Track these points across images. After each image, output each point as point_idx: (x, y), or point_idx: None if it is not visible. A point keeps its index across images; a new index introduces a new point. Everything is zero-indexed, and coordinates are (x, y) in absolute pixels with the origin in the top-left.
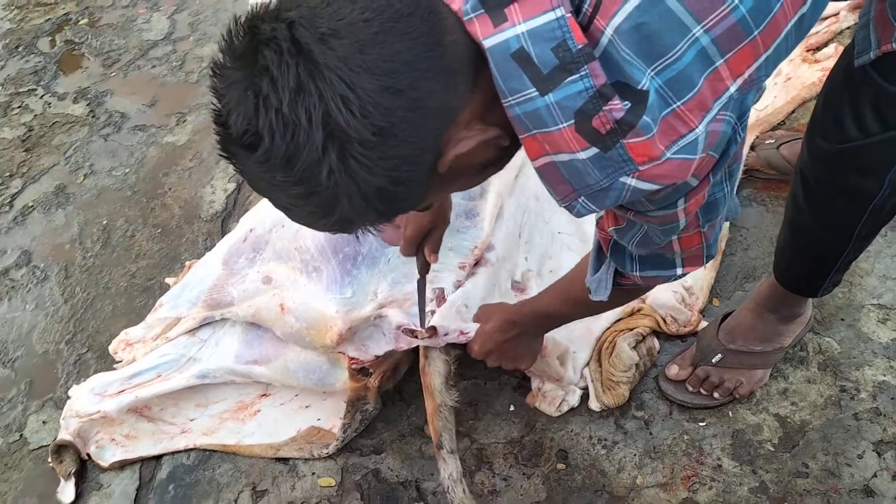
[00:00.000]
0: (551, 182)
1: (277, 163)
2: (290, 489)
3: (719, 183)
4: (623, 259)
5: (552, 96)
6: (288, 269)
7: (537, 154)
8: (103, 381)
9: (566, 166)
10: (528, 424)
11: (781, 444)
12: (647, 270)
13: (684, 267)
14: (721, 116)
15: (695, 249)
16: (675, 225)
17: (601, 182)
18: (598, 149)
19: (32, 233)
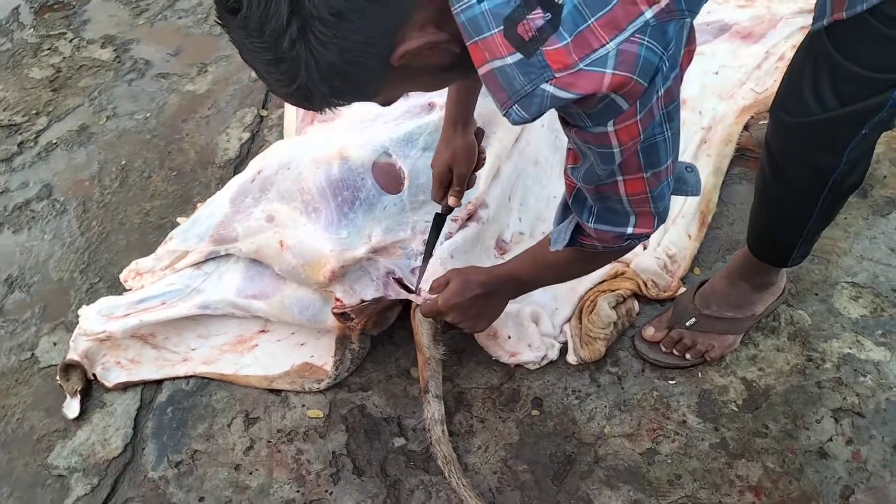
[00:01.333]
0: (493, 90)
1: (253, 28)
2: (281, 418)
3: (659, 124)
4: (582, 209)
5: (486, 4)
6: (290, 209)
7: (480, 62)
8: (111, 303)
9: (500, 72)
10: (507, 373)
11: (745, 405)
12: (601, 224)
13: (636, 226)
14: (636, 39)
15: (640, 200)
16: (610, 151)
17: (526, 87)
18: (521, 55)
19: (54, 168)
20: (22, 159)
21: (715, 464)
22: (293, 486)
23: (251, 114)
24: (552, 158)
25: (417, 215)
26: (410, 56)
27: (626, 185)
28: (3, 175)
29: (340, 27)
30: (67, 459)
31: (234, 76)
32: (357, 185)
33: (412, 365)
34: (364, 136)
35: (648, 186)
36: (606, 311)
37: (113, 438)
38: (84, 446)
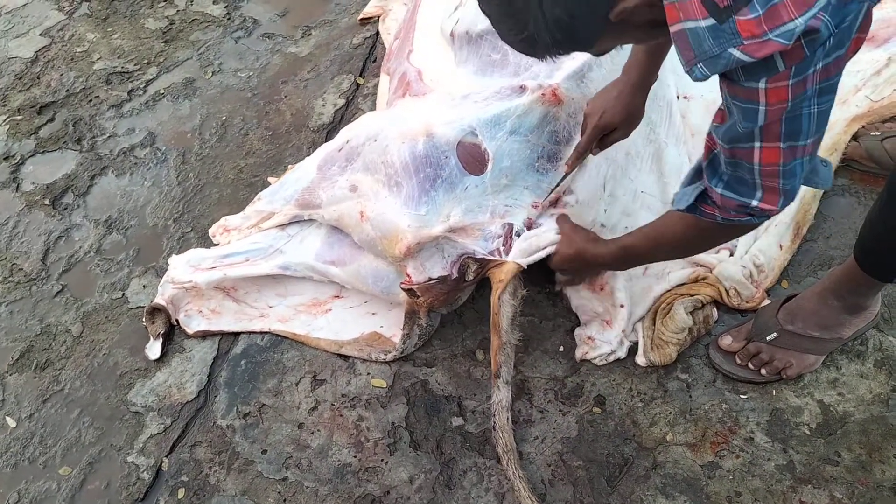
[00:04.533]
0: (681, 47)
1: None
2: (346, 383)
3: (809, 97)
4: (714, 173)
5: None
6: (373, 180)
7: (674, 20)
8: (199, 255)
9: (692, 33)
10: (573, 367)
11: (819, 429)
12: (728, 191)
13: (762, 200)
14: (820, 16)
15: (771, 172)
16: (755, 108)
17: (714, 50)
18: (714, 20)
19: (160, 118)
20: (130, 106)
21: (779, 486)
22: (351, 450)
23: (348, 80)
24: (644, 151)
25: (498, 199)
26: (628, 13)
27: (761, 152)
28: (112, 120)
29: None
30: (145, 398)
31: (336, 41)
32: (440, 162)
33: (478, 346)
34: (452, 113)
35: (783, 158)
36: (682, 316)
37: (188, 383)
38: (161, 387)
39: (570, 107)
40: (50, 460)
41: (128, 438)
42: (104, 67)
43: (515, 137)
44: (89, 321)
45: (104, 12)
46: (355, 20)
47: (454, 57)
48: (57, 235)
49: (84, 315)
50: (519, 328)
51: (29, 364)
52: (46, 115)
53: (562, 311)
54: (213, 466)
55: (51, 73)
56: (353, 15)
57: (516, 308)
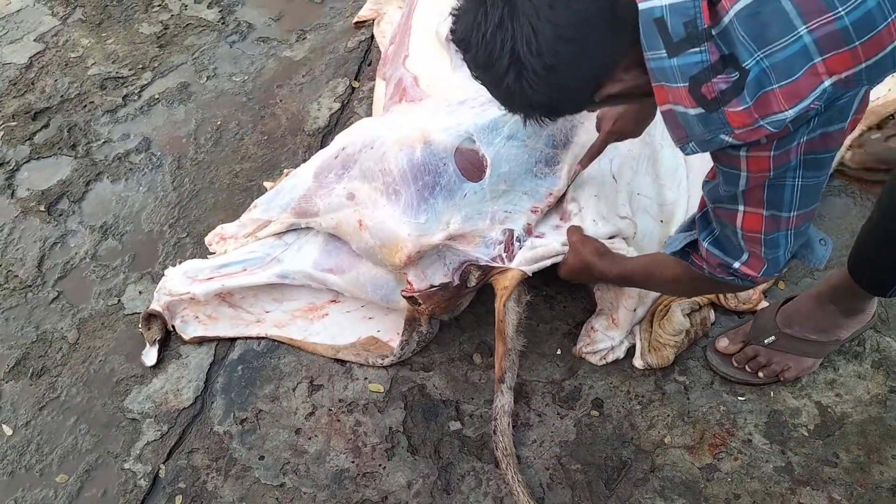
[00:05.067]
0: (671, 125)
1: (479, 65)
2: (343, 388)
3: (793, 168)
4: (705, 227)
5: (676, 61)
6: (371, 188)
7: (663, 101)
8: (196, 266)
9: (682, 116)
10: (570, 370)
11: (817, 431)
12: (715, 248)
13: (745, 263)
14: (814, 105)
15: (753, 238)
16: (736, 174)
17: (705, 135)
18: (703, 110)
19: (154, 123)
20: (125, 111)
21: (777, 488)
22: (349, 456)
23: (343, 84)
24: (639, 154)
25: (497, 205)
26: (612, 96)
27: (744, 216)
28: (107, 125)
29: (551, 77)
30: (142, 405)
31: (331, 45)
32: (439, 170)
33: (475, 350)
34: (449, 120)
35: (764, 226)
36: (679, 318)
37: (185, 389)
38: (158, 394)
39: None
40: (46, 468)
41: (124, 445)
42: (99, 73)
43: (513, 142)
44: (85, 328)
45: (98, 17)
46: (350, 24)
47: (450, 61)
48: (52, 242)
49: (80, 322)
50: (523, 334)
51: (25, 371)
52: (41, 121)
53: (559, 314)
54: (211, 473)
55: (45, 79)
56: (347, 18)
57: (521, 314)
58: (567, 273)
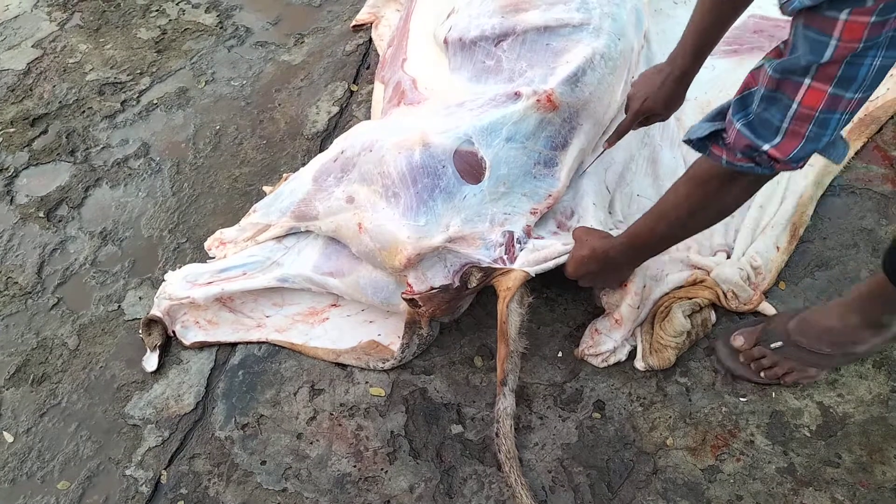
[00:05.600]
0: None
1: None
2: (344, 392)
3: (878, 46)
4: (741, 108)
5: None
6: (370, 191)
7: None
8: (196, 270)
9: None
10: (571, 372)
11: (819, 431)
12: (748, 128)
13: (775, 146)
14: None
15: (806, 115)
16: (826, 42)
17: None
18: None
19: (153, 128)
20: (124, 117)
21: (780, 489)
22: (350, 460)
23: (342, 88)
24: (638, 154)
25: (497, 207)
26: None
27: (807, 91)
28: (106, 131)
29: None
30: (143, 410)
31: (329, 49)
32: (438, 172)
33: (476, 353)
34: (447, 122)
35: (823, 104)
36: (680, 319)
37: (186, 395)
38: (159, 399)
39: (566, 112)
40: (48, 475)
41: (126, 451)
42: (97, 78)
43: (512, 144)
44: (85, 334)
45: (96, 23)
46: (348, 27)
47: (448, 64)
48: (52, 248)
49: (80, 328)
50: (525, 336)
51: (25, 378)
52: (39, 128)
53: (560, 317)
54: (212, 478)
55: (43, 85)
56: (345, 22)
57: (524, 316)
58: (575, 266)
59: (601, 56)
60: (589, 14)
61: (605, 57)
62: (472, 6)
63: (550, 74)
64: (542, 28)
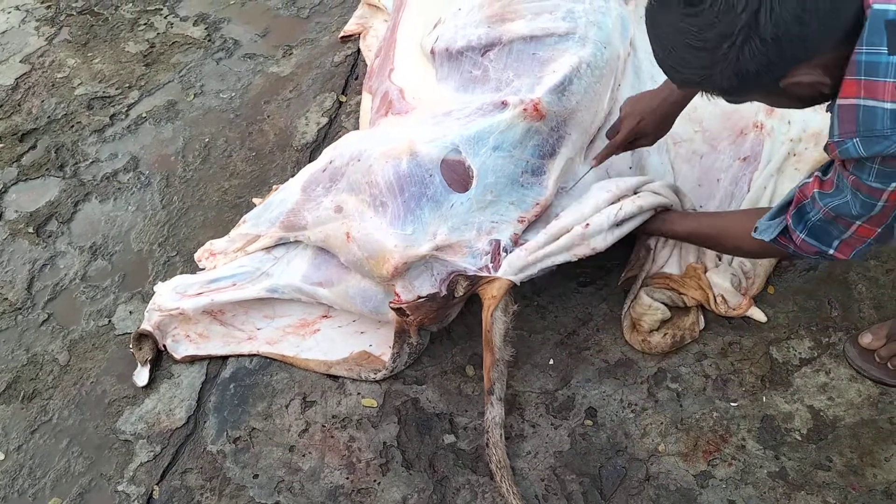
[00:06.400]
0: (843, 119)
1: (700, 19)
2: (336, 404)
3: None
4: (800, 220)
5: (895, 58)
6: (358, 201)
7: (850, 94)
8: (185, 281)
9: (866, 111)
10: (563, 379)
11: (810, 435)
12: (811, 238)
13: (837, 250)
14: None
15: (860, 241)
16: (873, 203)
17: (885, 131)
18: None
19: (142, 141)
20: (113, 131)
21: (772, 493)
22: (343, 472)
23: (330, 99)
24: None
25: (484, 215)
26: (794, 86)
27: (859, 228)
28: (95, 145)
29: (770, 49)
30: (134, 425)
31: (318, 60)
32: (425, 181)
33: (468, 362)
34: (435, 131)
35: (874, 234)
36: (645, 299)
37: (177, 409)
38: (150, 414)
39: (553, 120)
40: (40, 492)
41: (118, 467)
42: (85, 93)
43: (499, 153)
44: (76, 349)
45: (84, 37)
46: (336, 38)
47: (435, 74)
48: (42, 263)
49: (71, 343)
50: (511, 344)
51: (16, 395)
52: (28, 143)
53: (551, 324)
54: (205, 493)
55: (32, 100)
56: (333, 33)
57: (508, 324)
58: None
59: (587, 65)
60: (574, 23)
61: (592, 65)
62: (458, 17)
63: (537, 84)
64: (529, 37)
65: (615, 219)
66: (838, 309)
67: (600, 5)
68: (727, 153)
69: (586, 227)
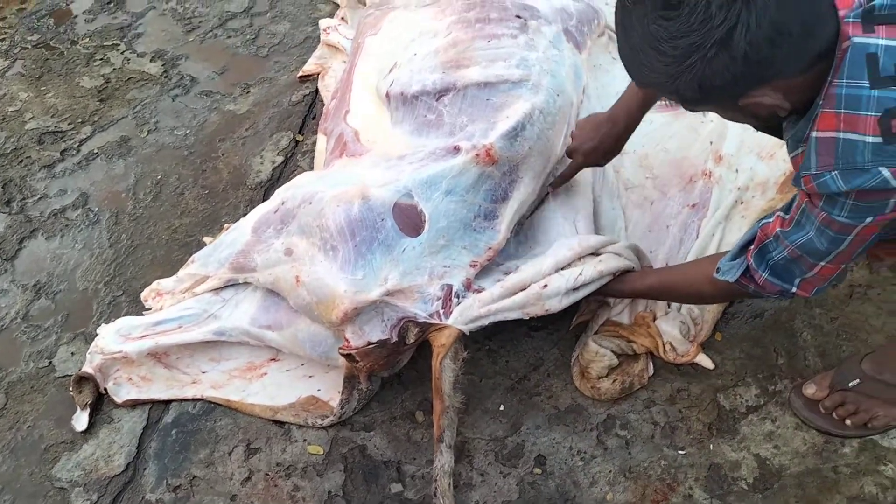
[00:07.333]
0: (821, 152)
1: (675, 26)
2: (281, 451)
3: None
4: (762, 260)
5: (876, 93)
6: (308, 244)
7: (829, 128)
8: (129, 324)
9: (846, 143)
10: (513, 426)
11: (756, 484)
12: (773, 277)
13: (799, 287)
14: None
15: (822, 279)
16: (843, 239)
17: (865, 164)
18: (882, 140)
19: (93, 178)
20: (63, 166)
21: None
22: None
23: (287, 138)
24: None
25: (436, 260)
26: (753, 105)
27: (823, 268)
28: (44, 181)
29: (738, 67)
30: (71, 472)
31: (275, 99)
32: (377, 225)
33: (418, 408)
34: (388, 175)
35: (836, 272)
36: (592, 346)
37: (116, 455)
38: (88, 461)
39: (505, 165)
40: None
41: None
42: (37, 127)
43: (451, 198)
44: (13, 392)
45: (38, 71)
46: (295, 77)
47: (390, 117)
48: None
49: (8, 385)
50: (462, 391)
51: None
52: None
53: (502, 369)
54: None
55: None
56: (292, 72)
57: (458, 371)
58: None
59: (540, 111)
60: (528, 70)
61: (545, 112)
62: (413, 61)
63: (491, 129)
64: (483, 84)
65: (574, 283)
66: (784, 357)
67: (554, 54)
68: (677, 200)
69: (544, 288)
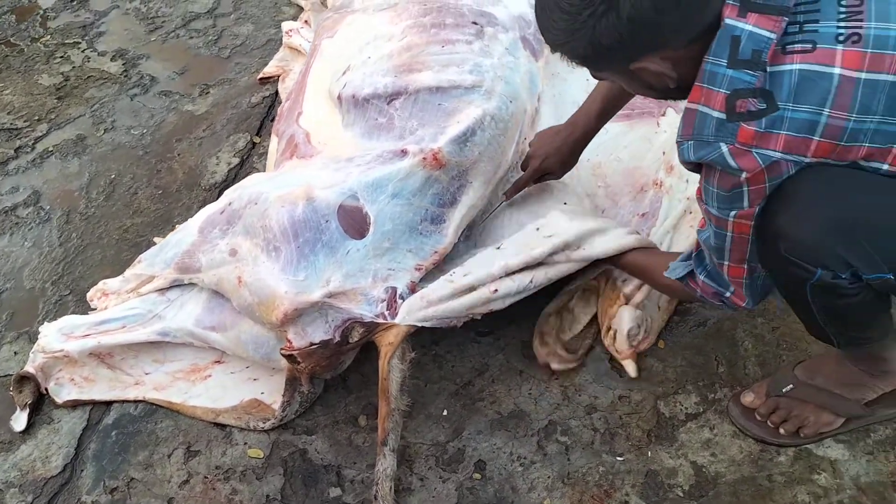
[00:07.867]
0: (686, 122)
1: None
2: (221, 454)
3: None
4: (699, 264)
5: (731, 72)
6: (252, 245)
7: (695, 99)
8: (72, 322)
9: (701, 115)
10: (455, 431)
11: (691, 491)
12: (710, 280)
13: (734, 294)
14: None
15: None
16: (723, 233)
17: (709, 137)
18: (725, 116)
19: (46, 176)
20: (17, 164)
21: None
22: None
23: (244, 139)
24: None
25: (380, 263)
26: (642, 70)
27: (728, 268)
28: None
29: (623, 28)
30: (7, 473)
31: (235, 100)
32: (320, 227)
33: (361, 412)
34: (335, 177)
35: (746, 273)
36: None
37: (54, 457)
38: (25, 461)
39: (454, 170)
40: None
41: None
42: None
43: (397, 201)
44: None
45: None
46: (255, 79)
47: (342, 120)
48: None
49: None
50: (408, 393)
51: None
52: None
53: (447, 374)
54: None
55: None
56: (253, 74)
57: (406, 372)
58: None
59: (492, 117)
60: (481, 76)
61: (496, 118)
62: (366, 65)
63: (440, 133)
64: (435, 88)
65: (524, 289)
66: (725, 365)
67: (509, 61)
68: (627, 209)
69: (494, 293)
